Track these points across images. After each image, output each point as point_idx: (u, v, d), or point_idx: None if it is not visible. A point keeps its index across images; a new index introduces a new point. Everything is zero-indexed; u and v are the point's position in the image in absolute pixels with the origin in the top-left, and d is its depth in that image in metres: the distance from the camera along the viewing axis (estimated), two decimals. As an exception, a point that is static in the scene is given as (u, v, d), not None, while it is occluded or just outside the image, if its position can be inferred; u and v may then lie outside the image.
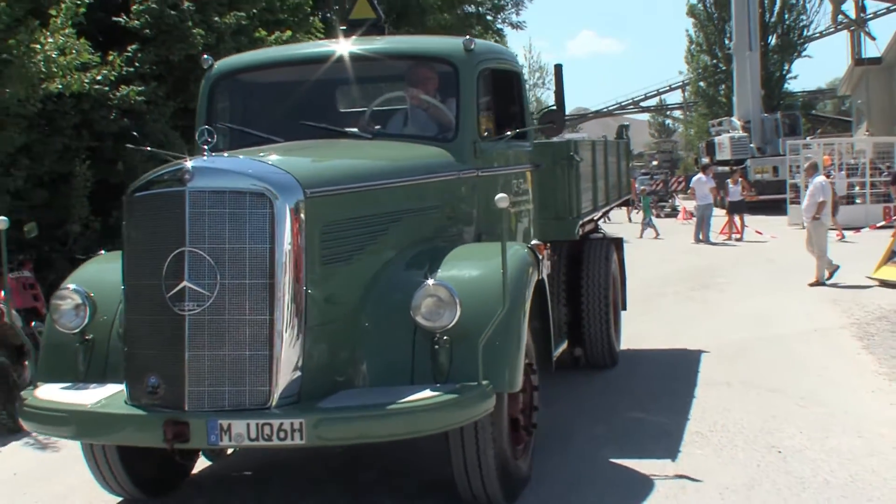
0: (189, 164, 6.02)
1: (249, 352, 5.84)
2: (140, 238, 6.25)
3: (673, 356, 12.05)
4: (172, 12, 21.32)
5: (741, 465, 7.68)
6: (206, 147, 6.11)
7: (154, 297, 5.93)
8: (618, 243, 12.07)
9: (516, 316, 6.37)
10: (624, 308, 12.33)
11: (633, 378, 11.01)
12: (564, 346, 9.66)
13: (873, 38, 61.08)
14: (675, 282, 19.59)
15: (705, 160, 42.74)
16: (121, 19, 20.79)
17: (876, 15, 64.69)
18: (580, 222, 10.22)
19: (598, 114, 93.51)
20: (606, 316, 10.76)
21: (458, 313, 5.95)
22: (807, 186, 18.98)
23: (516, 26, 46.32)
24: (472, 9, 42.66)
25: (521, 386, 6.38)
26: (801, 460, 7.70)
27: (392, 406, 5.75)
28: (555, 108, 9.03)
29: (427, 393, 5.84)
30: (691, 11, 67.72)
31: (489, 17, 44.61)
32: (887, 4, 63.00)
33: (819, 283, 17.81)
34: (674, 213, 43.46)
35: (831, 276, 17.95)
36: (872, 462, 7.63)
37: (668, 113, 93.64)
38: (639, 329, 13.72)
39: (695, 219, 29.79)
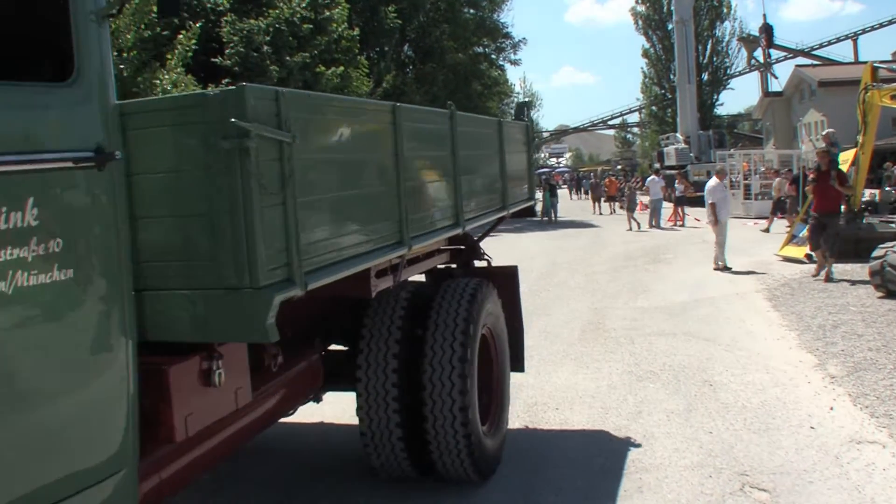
0: None
1: None
2: None
3: (636, 311, 12.13)
4: (255, 54, 21.51)
5: (683, 395, 7.75)
6: None
7: None
8: (505, 278, 6.74)
9: None
10: (520, 369, 6.92)
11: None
12: None
13: (776, 77, 65.19)
14: (635, 257, 19.55)
15: (657, 165, 42.73)
16: (217, 60, 20.97)
17: (777, 60, 68.56)
18: (295, 293, 3.50)
19: (577, 129, 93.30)
20: (464, 404, 5.26)
21: None
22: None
23: (514, 63, 46.04)
24: (480, 49, 42.56)
25: None
26: (726, 391, 7.79)
27: None
28: None
29: None
30: (645, 54, 68.05)
31: (493, 56, 44.46)
32: (784, 53, 68.15)
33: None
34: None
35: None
36: (776, 391, 7.73)
37: (628, 129, 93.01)
38: (613, 290, 14.13)
39: (649, 210, 29.76)
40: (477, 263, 6.92)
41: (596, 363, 9.12)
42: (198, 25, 18.35)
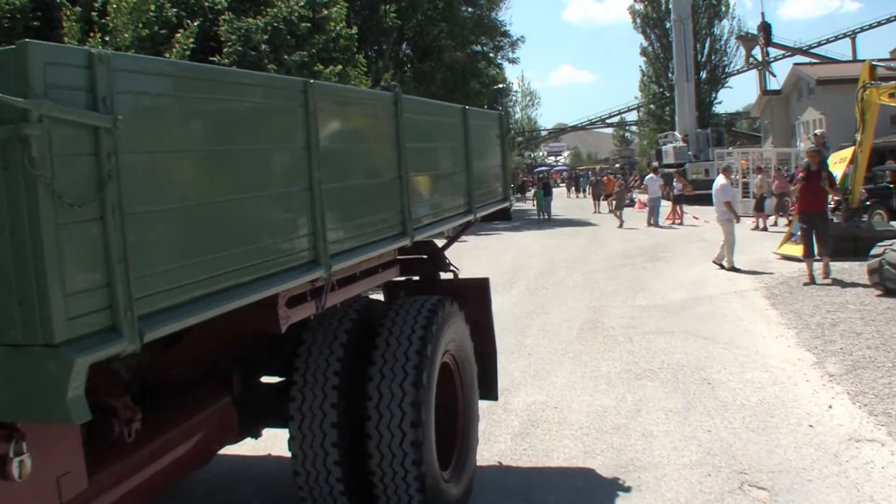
0: None
1: None
2: None
3: (634, 309, 12.09)
4: (253, 53, 21.51)
5: (681, 393, 7.74)
6: None
7: None
8: (473, 293, 5.87)
9: None
10: (493, 398, 6.21)
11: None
12: None
13: (774, 76, 65.91)
14: (633, 255, 19.53)
15: (655, 164, 42.65)
16: (215, 59, 20.96)
17: (776, 59, 68.73)
18: (121, 348, 2.40)
19: (575, 128, 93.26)
20: (417, 451, 4.38)
21: None
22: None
23: (512, 61, 46.30)
24: (478, 48, 42.60)
25: None
26: (724, 389, 7.79)
27: None
28: None
29: None
30: (643, 52, 68.19)
31: (491, 55, 44.52)
32: (783, 51, 68.24)
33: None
34: (631, 203, 43.33)
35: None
36: (775, 389, 7.73)
37: (626, 128, 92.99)
38: (611, 288, 14.09)
39: (647, 208, 29.74)
40: (443, 275, 5.91)
41: (594, 361, 9.11)
42: (196, 24, 18.34)
